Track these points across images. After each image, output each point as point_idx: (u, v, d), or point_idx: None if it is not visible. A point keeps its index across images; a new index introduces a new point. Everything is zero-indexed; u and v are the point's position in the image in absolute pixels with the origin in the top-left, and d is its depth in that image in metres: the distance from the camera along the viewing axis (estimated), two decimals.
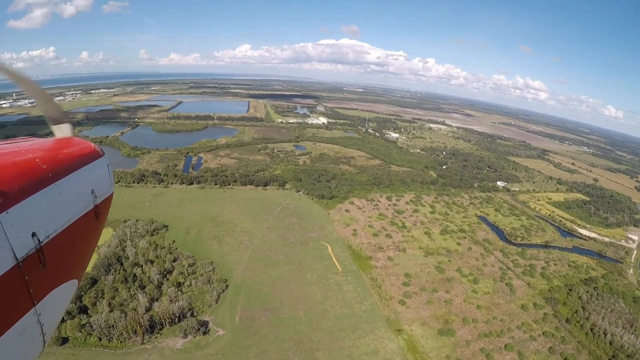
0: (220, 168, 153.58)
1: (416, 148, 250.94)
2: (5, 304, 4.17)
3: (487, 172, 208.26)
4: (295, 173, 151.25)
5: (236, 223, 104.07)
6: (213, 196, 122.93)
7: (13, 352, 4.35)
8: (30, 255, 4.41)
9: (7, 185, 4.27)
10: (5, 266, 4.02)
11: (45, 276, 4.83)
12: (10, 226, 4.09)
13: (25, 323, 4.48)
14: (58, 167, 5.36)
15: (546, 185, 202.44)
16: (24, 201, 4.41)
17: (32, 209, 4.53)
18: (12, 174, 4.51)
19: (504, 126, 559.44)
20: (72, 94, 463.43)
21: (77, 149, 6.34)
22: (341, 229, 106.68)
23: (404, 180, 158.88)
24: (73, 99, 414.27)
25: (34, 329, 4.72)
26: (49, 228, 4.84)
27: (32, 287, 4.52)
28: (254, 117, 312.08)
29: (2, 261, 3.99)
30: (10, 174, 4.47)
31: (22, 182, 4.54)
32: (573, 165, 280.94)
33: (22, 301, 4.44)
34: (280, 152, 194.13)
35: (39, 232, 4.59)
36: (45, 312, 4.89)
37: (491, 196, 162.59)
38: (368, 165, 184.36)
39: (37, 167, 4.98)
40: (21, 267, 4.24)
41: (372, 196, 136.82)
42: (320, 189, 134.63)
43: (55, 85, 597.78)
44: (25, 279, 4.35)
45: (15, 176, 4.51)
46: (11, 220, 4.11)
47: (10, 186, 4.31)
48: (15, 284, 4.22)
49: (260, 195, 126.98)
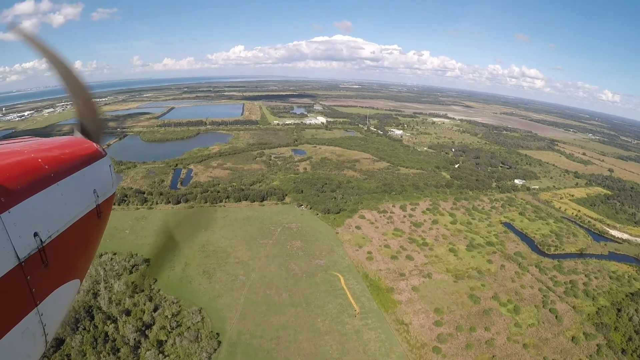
0: (212, 181, 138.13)
1: (423, 145, 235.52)
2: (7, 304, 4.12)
3: (502, 169, 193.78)
4: (295, 183, 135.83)
5: (229, 252, 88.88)
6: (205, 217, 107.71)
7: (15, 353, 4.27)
8: (33, 255, 4.38)
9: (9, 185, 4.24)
10: (8, 266, 3.98)
11: (47, 276, 4.78)
12: (12, 226, 4.06)
13: (28, 323, 4.43)
14: (60, 167, 5.37)
15: (564, 180, 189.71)
16: (26, 201, 4.38)
17: (34, 208, 4.49)
18: (14, 173, 4.47)
19: (506, 116, 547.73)
20: (62, 105, 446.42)
21: (79, 148, 6.30)
22: (353, 252, 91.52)
23: (417, 185, 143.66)
24: (63, 110, 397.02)
25: (36, 329, 4.64)
26: (51, 228, 4.81)
27: (34, 287, 4.48)
28: (248, 120, 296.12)
29: (4, 261, 3.96)
30: (12, 174, 4.43)
31: (24, 181, 4.51)
32: (584, 155, 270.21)
33: (24, 301, 4.39)
34: (278, 159, 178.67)
35: (41, 231, 4.56)
36: (48, 312, 4.82)
37: (512, 197, 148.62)
38: (375, 168, 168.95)
39: (39, 167, 4.99)
40: (23, 267, 4.22)
41: (384, 206, 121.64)
42: (325, 201, 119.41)
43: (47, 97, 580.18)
44: (28, 278, 4.32)
45: (17, 176, 4.47)
46: (13, 219, 4.08)
47: (13, 186, 4.28)
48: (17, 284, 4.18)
49: (257, 213, 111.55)
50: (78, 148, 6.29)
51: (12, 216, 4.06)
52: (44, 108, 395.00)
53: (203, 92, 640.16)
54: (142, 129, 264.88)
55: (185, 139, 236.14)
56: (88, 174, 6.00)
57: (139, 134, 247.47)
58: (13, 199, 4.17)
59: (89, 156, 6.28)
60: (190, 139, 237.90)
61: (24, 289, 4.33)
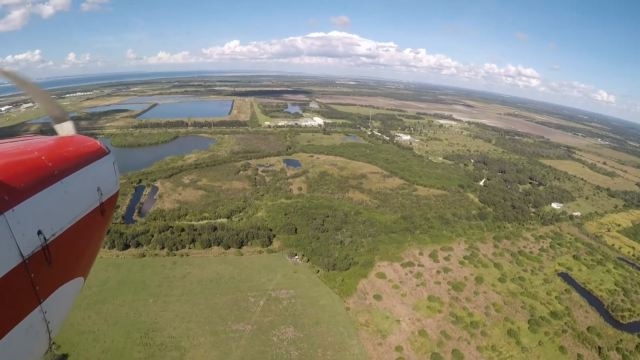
0: (177, 210, 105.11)
1: (437, 155, 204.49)
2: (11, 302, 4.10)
3: (532, 186, 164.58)
4: (287, 215, 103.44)
5: (184, 349, 56.65)
6: (154, 276, 74.76)
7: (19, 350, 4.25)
8: (36, 253, 4.34)
9: (13, 183, 4.22)
10: (12, 264, 3.96)
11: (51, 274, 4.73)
12: (17, 224, 4.04)
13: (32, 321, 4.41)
14: (64, 164, 5.28)
15: (600, 200, 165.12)
16: (30, 199, 4.34)
17: (38, 206, 4.45)
18: (18, 172, 4.44)
19: (511, 117, 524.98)
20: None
21: (83, 146, 6.19)
22: (375, 348, 59.70)
23: (443, 216, 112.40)
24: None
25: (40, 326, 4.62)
26: (55, 226, 4.75)
27: (38, 285, 4.46)
28: (236, 121, 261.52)
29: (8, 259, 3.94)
30: (16, 172, 4.41)
31: (28, 180, 4.48)
32: (605, 165, 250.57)
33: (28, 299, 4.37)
34: (267, 173, 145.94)
35: (44, 229, 4.52)
36: (51, 310, 4.78)
37: (557, 231, 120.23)
38: (387, 188, 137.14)
39: (43, 165, 4.92)
40: (27, 265, 4.19)
41: (408, 253, 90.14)
42: (328, 247, 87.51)
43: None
44: (31, 276, 4.29)
45: (21, 174, 4.45)
46: (17, 218, 4.06)
47: (17, 184, 4.25)
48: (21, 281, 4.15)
49: (231, 270, 78.78)
50: (82, 146, 6.18)
51: (16, 214, 4.02)
52: (24, 102, 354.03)
53: (193, 87, 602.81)
54: (115, 131, 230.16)
55: (160, 144, 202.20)
56: (92, 172, 5.86)
57: (110, 136, 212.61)
58: (17, 197, 4.13)
59: (93, 154, 6.16)
60: (167, 143, 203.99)
61: (28, 287, 4.29)
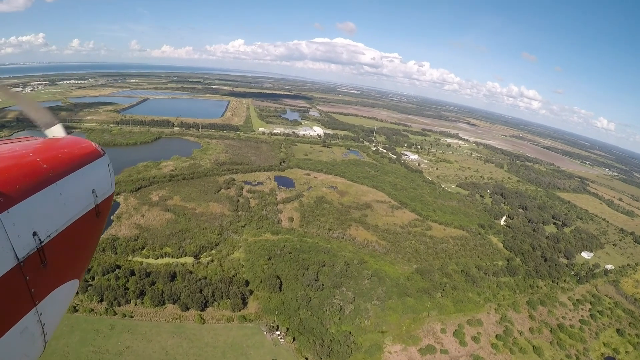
0: (133, 241, 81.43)
1: (450, 181, 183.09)
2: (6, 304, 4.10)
3: (557, 229, 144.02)
4: (271, 260, 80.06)
5: None
6: (82, 347, 50.90)
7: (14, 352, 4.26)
8: (32, 255, 4.34)
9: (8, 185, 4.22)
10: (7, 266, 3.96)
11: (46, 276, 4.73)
12: (12, 226, 4.04)
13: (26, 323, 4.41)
14: (59, 166, 5.27)
15: (628, 247, 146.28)
16: (25, 201, 4.34)
17: (33, 208, 4.46)
18: (13, 173, 4.45)
19: (516, 140, 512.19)
20: (36, 84, 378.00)
21: (78, 148, 6.20)
22: None
23: (467, 270, 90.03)
24: (32, 90, 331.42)
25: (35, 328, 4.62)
26: (50, 227, 4.75)
27: (33, 287, 4.46)
28: (227, 125, 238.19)
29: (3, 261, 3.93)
30: (11, 174, 4.40)
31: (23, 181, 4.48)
32: (621, 201, 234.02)
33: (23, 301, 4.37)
34: (253, 195, 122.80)
35: (40, 231, 4.52)
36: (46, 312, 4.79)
37: (594, 292, 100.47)
38: (397, 224, 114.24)
39: (38, 167, 4.91)
40: (22, 267, 4.18)
41: (427, 329, 67.28)
42: (322, 318, 64.30)
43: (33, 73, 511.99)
44: (26, 278, 4.29)
45: (16, 176, 4.44)
46: (12, 219, 4.06)
47: (11, 186, 4.25)
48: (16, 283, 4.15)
49: (186, 347, 55.04)
50: (77, 147, 6.20)
51: (11, 216, 4.02)
52: (14, 86, 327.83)
53: (190, 84, 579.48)
54: (94, 125, 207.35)
55: (138, 145, 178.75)
56: (87, 174, 5.88)
57: (87, 132, 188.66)
58: (12, 199, 4.13)
59: (88, 155, 6.16)
60: (146, 145, 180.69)
61: (23, 289, 4.29)
